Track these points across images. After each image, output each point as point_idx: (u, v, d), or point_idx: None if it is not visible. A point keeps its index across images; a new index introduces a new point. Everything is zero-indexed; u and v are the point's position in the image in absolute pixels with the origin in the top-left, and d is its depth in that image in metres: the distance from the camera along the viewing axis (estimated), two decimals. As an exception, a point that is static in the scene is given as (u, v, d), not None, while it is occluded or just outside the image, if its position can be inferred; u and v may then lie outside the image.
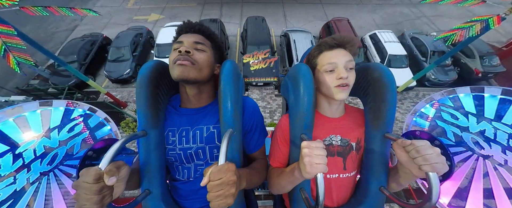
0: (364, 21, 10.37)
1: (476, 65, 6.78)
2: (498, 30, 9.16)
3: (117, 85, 7.30)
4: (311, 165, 0.58)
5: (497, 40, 8.38)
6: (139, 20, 10.31)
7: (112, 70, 6.93)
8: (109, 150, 0.57)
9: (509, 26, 8.97)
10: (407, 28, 8.89)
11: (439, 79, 6.66)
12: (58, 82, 6.54)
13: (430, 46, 7.13)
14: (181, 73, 0.72)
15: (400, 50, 7.13)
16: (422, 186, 1.07)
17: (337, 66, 0.75)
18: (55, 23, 10.09)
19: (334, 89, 0.75)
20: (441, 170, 0.55)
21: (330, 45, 0.78)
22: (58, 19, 10.30)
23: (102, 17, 10.20)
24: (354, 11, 11.10)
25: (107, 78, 7.07)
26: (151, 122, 0.75)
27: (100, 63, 7.68)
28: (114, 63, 7.07)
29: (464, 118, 1.20)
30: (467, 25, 3.31)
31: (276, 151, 0.86)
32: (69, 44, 7.52)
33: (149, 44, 8.27)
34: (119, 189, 0.65)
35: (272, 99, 6.65)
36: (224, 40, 7.88)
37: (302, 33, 7.56)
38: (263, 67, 4.89)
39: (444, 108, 1.29)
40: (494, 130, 1.10)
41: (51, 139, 1.26)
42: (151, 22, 10.15)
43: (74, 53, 6.93)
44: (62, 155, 1.22)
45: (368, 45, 7.98)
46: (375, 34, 7.86)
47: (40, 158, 1.18)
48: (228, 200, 0.55)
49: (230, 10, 10.96)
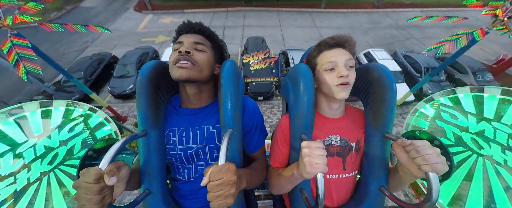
0: (358, 42, 10.89)
1: (470, 81, 7.14)
2: (486, 50, 9.91)
3: (119, 100, 7.47)
4: (311, 165, 0.58)
5: (486, 59, 8.93)
6: (147, 42, 10.86)
7: (116, 86, 7.15)
8: (109, 150, 0.58)
9: (495, 46, 10.03)
10: (399, 47, 9.39)
11: None
12: (61, 98, 6.56)
13: (423, 63, 7.48)
14: (181, 74, 0.72)
15: (395, 67, 7.43)
16: (422, 186, 1.07)
17: (337, 65, 0.75)
18: (68, 44, 10.55)
19: (335, 88, 0.75)
20: (441, 170, 0.55)
21: (330, 45, 0.78)
22: (71, 41, 10.85)
23: (112, 39, 10.97)
24: (346, 33, 11.78)
25: (110, 93, 7.26)
26: (151, 122, 0.75)
27: (105, 80, 7.89)
28: (118, 80, 7.31)
29: (464, 118, 1.20)
30: (454, 37, 3.62)
31: (276, 151, 0.87)
32: (77, 62, 7.85)
33: (154, 62, 8.65)
34: (119, 189, 0.65)
35: (272, 114, 6.89)
36: (226, 58, 8.22)
37: (300, 51, 8.05)
38: (263, 67, 4.90)
39: (444, 108, 1.29)
40: (494, 130, 1.10)
41: (52, 139, 1.26)
42: (158, 43, 10.70)
43: (82, 70, 7.21)
44: (62, 155, 1.22)
45: (362, 63, 8.39)
46: (369, 52, 8.27)
47: (40, 158, 1.18)
48: (228, 200, 0.55)
49: (232, 32, 11.80)
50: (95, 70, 7.69)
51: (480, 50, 9.94)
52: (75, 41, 10.89)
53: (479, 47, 10.19)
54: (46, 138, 1.25)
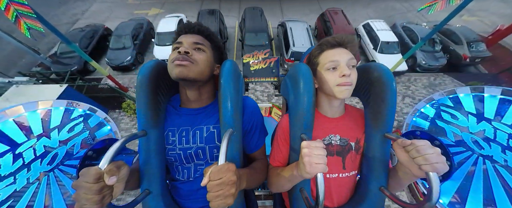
0: (358, 15, 10.75)
1: (464, 51, 7.23)
2: (485, 22, 9.64)
3: (118, 72, 7.44)
4: (310, 164, 0.58)
5: (485, 31, 8.74)
6: (139, 14, 10.45)
7: (113, 58, 7.05)
8: (109, 150, 0.57)
9: (495, 18, 9.65)
10: (400, 20, 9.33)
11: (430, 64, 7.12)
12: (59, 70, 6.63)
13: (420, 34, 7.54)
14: (179, 73, 0.72)
15: (392, 38, 7.45)
16: (422, 186, 1.07)
17: (339, 64, 0.74)
18: (56, 17, 10.21)
19: (336, 88, 0.75)
20: (441, 170, 0.55)
21: (332, 44, 0.78)
22: (60, 13, 10.49)
23: (103, 11, 10.58)
24: (348, 5, 11.43)
25: (108, 65, 7.19)
26: (151, 121, 0.75)
27: (101, 53, 7.74)
28: (115, 51, 7.18)
29: (464, 118, 1.20)
30: None
31: (276, 151, 0.87)
32: (70, 34, 7.56)
33: (149, 35, 8.43)
34: (118, 189, 0.65)
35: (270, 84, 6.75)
36: (223, 30, 8.07)
37: (298, 22, 7.89)
38: (263, 67, 4.92)
39: (444, 108, 1.29)
40: (494, 130, 1.10)
41: (51, 139, 1.26)
42: (152, 16, 10.36)
43: (76, 42, 6.89)
44: (62, 155, 1.21)
45: (361, 34, 8.30)
46: (367, 23, 8.25)
47: (40, 158, 1.18)
48: (228, 200, 0.55)
49: (228, 4, 11.39)
50: (90, 42, 7.50)
51: (480, 22, 9.79)
52: (64, 13, 10.46)
53: (478, 19, 10.06)
54: (46, 138, 1.25)
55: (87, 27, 8.08)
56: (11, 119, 1.27)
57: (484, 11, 10.68)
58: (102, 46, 7.82)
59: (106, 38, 8.09)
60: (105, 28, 8.38)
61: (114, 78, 6.02)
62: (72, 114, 1.39)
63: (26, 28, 3.14)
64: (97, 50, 7.65)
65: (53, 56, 7.23)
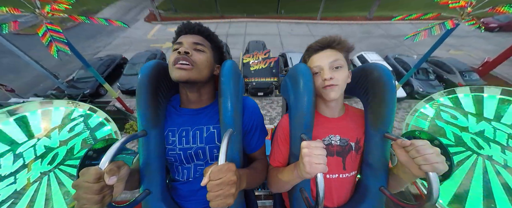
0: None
1: (458, 80, 7.84)
2: (472, 55, 10.87)
3: (127, 96, 7.96)
4: (310, 165, 0.58)
5: (473, 63, 9.69)
6: (155, 47, 11.81)
7: (125, 83, 7.70)
8: (109, 150, 0.58)
9: (480, 52, 10.98)
10: (390, 53, 10.24)
11: (427, 91, 7.53)
12: (72, 92, 7.12)
13: (411, 64, 8.09)
14: (180, 75, 0.72)
15: (386, 66, 7.95)
16: (422, 186, 1.07)
17: (322, 68, 0.77)
18: (82, 49, 11.06)
19: (323, 91, 0.77)
20: (441, 170, 0.55)
21: (315, 49, 0.81)
22: (86, 46, 11.87)
23: (124, 45, 12.25)
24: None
25: (119, 90, 7.77)
26: (151, 121, 0.75)
27: (115, 79, 8.36)
28: (128, 77, 7.85)
29: (464, 118, 1.20)
30: (428, 27, 4.26)
31: (276, 151, 0.87)
32: (91, 63, 8.33)
33: (162, 62, 9.24)
34: (118, 189, 0.65)
35: (272, 108, 7.27)
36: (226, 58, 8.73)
37: (298, 53, 8.68)
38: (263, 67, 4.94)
39: (444, 108, 1.29)
40: (494, 130, 1.10)
41: (52, 139, 1.25)
42: (166, 48, 11.74)
43: (94, 67, 7.46)
44: (62, 155, 1.21)
45: (356, 65, 8.96)
46: (361, 55, 9.06)
47: (40, 158, 1.18)
48: (228, 200, 0.55)
49: (234, 39, 12.92)
50: (107, 69, 8.33)
51: (467, 56, 10.80)
52: (90, 46, 11.94)
53: (465, 53, 11.13)
54: (46, 138, 1.25)
55: (107, 57, 9.00)
56: (11, 119, 1.27)
57: (468, 46, 11.97)
58: (117, 74, 8.50)
59: (122, 66, 8.84)
60: (122, 58, 9.32)
61: (122, 100, 6.50)
62: (72, 114, 1.39)
63: (56, 50, 3.75)
64: (113, 77, 8.40)
65: (70, 81, 7.84)
